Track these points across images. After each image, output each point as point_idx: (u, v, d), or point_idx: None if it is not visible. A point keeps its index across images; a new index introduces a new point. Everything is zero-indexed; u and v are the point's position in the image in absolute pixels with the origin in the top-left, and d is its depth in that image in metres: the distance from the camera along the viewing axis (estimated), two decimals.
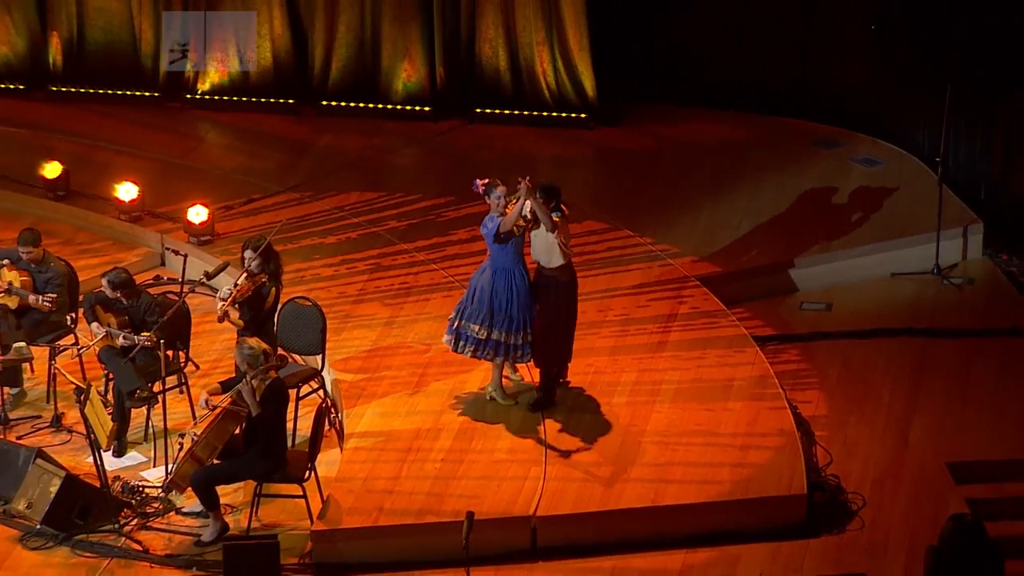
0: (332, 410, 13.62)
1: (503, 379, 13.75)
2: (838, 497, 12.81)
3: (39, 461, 12.65)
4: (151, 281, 15.67)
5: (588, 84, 18.41)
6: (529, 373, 13.88)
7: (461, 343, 13.58)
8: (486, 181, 13.44)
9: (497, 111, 18.71)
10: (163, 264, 16.21)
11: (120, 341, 13.36)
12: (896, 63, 17.62)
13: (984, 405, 13.90)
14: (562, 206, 13.36)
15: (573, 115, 18.38)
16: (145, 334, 13.26)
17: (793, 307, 15.61)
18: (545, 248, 13.33)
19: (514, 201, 13.20)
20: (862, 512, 12.63)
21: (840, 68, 18.41)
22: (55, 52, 19.20)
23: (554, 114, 18.46)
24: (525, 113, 18.63)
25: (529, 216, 13.24)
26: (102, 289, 13.61)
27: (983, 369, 14.43)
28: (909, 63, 17.35)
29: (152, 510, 12.77)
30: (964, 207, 16.47)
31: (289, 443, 12.82)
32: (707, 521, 12.50)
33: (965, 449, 13.29)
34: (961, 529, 11.34)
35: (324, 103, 18.92)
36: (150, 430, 13.55)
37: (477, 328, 13.43)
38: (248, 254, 13.67)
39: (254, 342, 12.50)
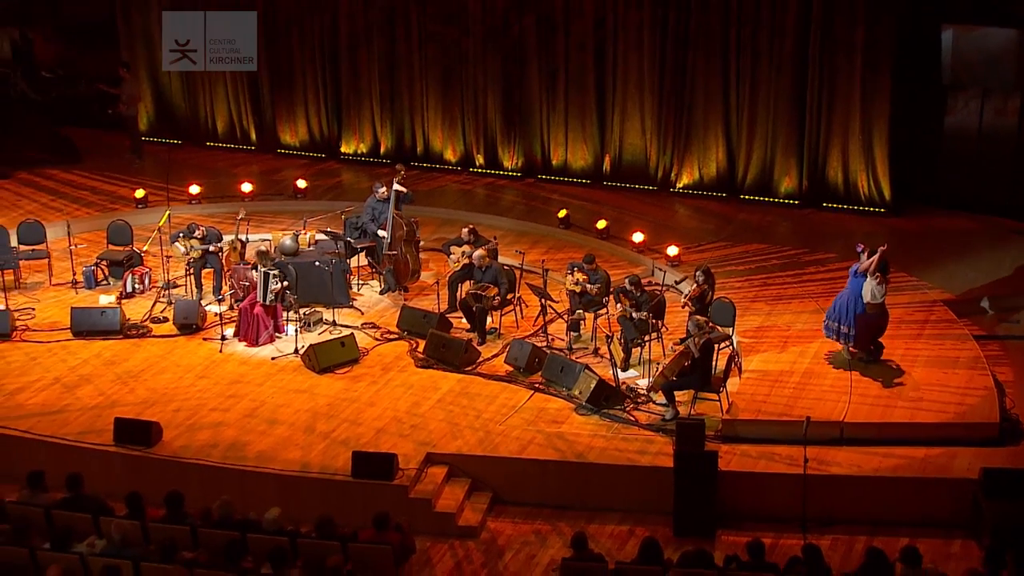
0: (736, 357, 13.23)
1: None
2: (1017, 425, 11.82)
3: (586, 370, 12.78)
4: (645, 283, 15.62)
5: (887, 192, 17.24)
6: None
7: (832, 334, 12.94)
8: (862, 246, 12.83)
9: (834, 205, 17.65)
10: (652, 275, 15.99)
11: (627, 314, 13.34)
12: None
13: None
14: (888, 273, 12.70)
15: (877, 209, 17.30)
16: (639, 312, 13.23)
17: (994, 320, 14.29)
18: (868, 293, 12.57)
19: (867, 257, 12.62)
20: None
21: None
22: (607, 165, 19.13)
23: (866, 208, 17.35)
24: (850, 207, 17.52)
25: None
26: (624, 284, 13.61)
27: None
28: None
29: (641, 400, 12.69)
30: None
31: (712, 372, 12.54)
32: (940, 433, 11.68)
33: None
34: None
35: (742, 196, 18.23)
36: (640, 359, 13.46)
37: (838, 325, 12.82)
38: (698, 274, 13.46)
39: (699, 318, 12.34)
